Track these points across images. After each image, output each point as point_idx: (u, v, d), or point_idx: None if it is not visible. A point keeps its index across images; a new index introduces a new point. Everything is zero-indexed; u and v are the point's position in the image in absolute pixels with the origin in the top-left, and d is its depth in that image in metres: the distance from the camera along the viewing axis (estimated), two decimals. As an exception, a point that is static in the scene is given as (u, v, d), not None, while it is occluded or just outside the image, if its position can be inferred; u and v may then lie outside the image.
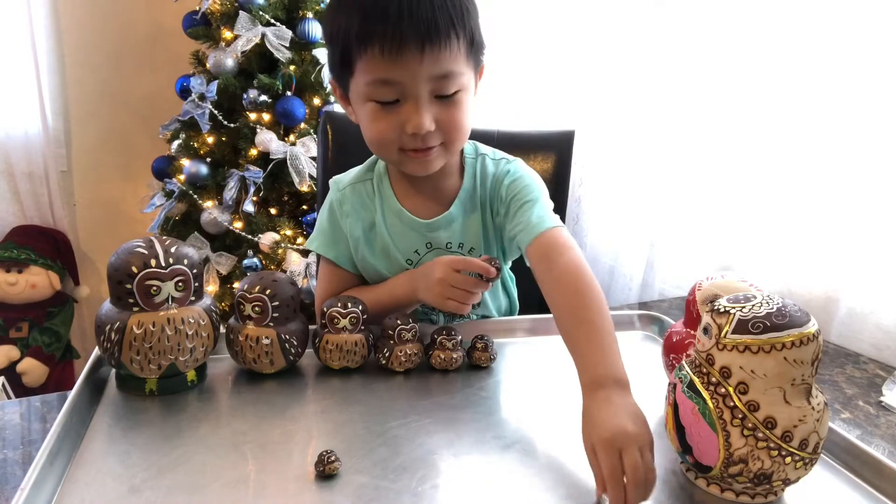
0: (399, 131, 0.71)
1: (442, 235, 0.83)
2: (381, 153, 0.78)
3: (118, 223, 2.25)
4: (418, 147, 0.72)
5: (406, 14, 0.64)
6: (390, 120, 0.71)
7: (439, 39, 0.66)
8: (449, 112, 0.71)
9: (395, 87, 0.68)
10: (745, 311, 0.49)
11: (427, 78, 0.68)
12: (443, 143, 0.74)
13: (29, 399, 0.67)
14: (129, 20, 2.14)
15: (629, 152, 1.40)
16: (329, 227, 0.86)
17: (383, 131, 0.72)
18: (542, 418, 0.63)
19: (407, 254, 0.84)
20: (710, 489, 0.52)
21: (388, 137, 0.72)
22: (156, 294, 0.60)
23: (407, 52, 0.66)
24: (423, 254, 0.83)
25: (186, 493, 0.49)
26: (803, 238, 1.06)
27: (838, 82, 0.98)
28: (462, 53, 0.69)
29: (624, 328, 0.88)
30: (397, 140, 0.72)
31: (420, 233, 0.83)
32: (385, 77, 0.68)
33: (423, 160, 0.74)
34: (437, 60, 0.67)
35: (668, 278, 1.34)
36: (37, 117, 1.97)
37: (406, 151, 0.73)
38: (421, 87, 0.68)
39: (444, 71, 0.68)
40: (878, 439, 0.67)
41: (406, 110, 0.70)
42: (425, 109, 0.69)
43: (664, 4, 1.26)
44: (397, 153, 0.74)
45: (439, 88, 0.69)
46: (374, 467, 0.53)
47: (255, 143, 1.65)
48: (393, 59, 0.66)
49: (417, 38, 0.65)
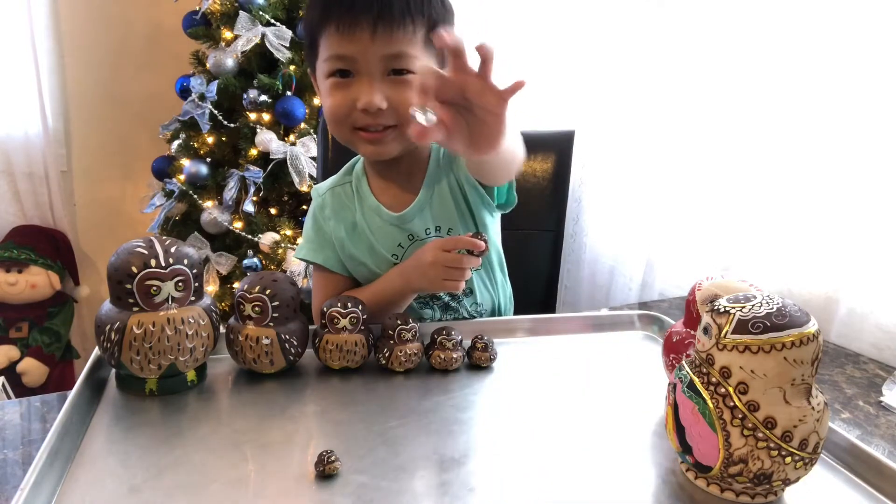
0: (351, 107, 0.73)
1: (417, 224, 0.84)
2: (336, 131, 0.79)
3: (118, 223, 2.25)
4: (370, 125, 0.75)
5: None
6: (344, 95, 0.74)
7: (391, 20, 0.70)
8: (401, 91, 0.73)
9: (348, 61, 0.72)
10: (745, 311, 0.49)
11: (379, 56, 0.71)
12: (396, 125, 0.75)
13: (29, 399, 0.67)
14: (129, 20, 2.14)
15: (629, 152, 1.40)
16: (314, 233, 0.88)
17: (337, 105, 0.74)
18: (542, 418, 0.63)
19: (391, 249, 0.85)
20: (710, 489, 0.52)
21: (341, 112, 0.75)
22: (156, 294, 0.60)
23: (358, 30, 0.70)
24: (407, 246, 0.85)
25: (186, 493, 0.49)
26: (803, 239, 1.06)
27: (838, 83, 0.98)
28: (419, 38, 0.72)
29: (624, 328, 0.88)
30: (350, 116, 0.75)
31: (398, 226, 0.84)
32: (339, 52, 0.72)
33: (375, 141, 0.76)
34: (389, 40, 0.70)
35: (668, 278, 1.34)
36: (37, 117, 1.97)
37: (358, 131, 0.76)
38: (373, 65, 0.72)
39: (397, 51, 0.71)
40: (878, 439, 0.67)
41: (358, 86, 0.73)
42: (376, 86, 0.72)
43: (665, 4, 1.26)
44: (350, 132, 0.77)
45: (391, 66, 0.72)
46: (374, 467, 0.53)
47: (255, 143, 1.65)
48: (347, 36, 0.70)
49: (369, 16, 0.69)
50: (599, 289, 1.51)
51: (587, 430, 0.61)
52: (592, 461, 0.56)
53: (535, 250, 1.22)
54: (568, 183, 1.24)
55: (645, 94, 1.34)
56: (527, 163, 1.06)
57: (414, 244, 0.84)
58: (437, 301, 0.89)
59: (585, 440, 0.59)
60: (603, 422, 0.63)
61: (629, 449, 0.58)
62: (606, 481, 0.53)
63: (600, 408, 0.66)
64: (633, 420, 0.63)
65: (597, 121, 1.47)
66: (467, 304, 0.90)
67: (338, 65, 0.73)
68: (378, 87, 0.72)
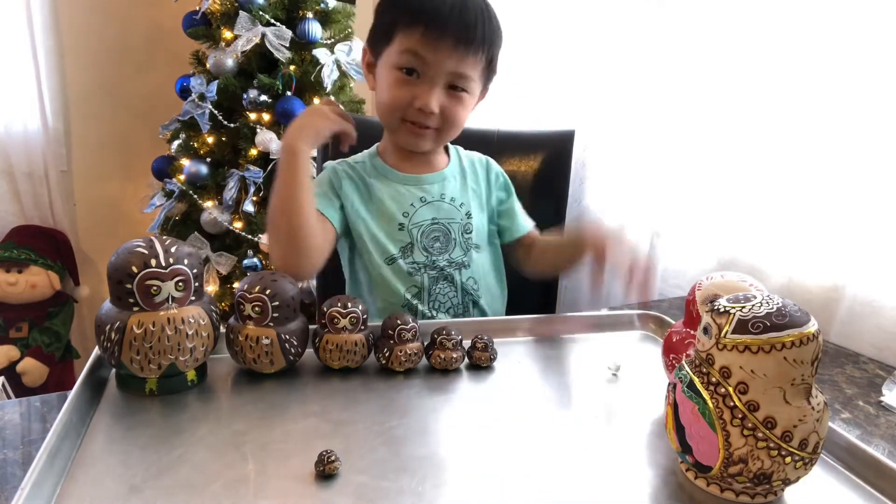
0: (409, 102, 0.84)
1: (436, 189, 0.93)
2: (386, 117, 0.88)
3: (118, 223, 2.25)
4: (418, 122, 0.85)
5: (456, 14, 0.80)
6: (406, 91, 0.83)
7: (469, 44, 0.81)
8: (452, 104, 0.85)
9: (421, 63, 0.82)
10: (745, 311, 0.49)
11: (448, 70, 0.82)
12: (438, 128, 0.86)
13: (29, 399, 0.67)
14: (129, 20, 2.14)
15: (629, 152, 1.40)
16: (325, 185, 0.91)
17: (397, 98, 0.84)
18: (541, 418, 0.63)
19: (403, 207, 0.91)
20: (710, 489, 0.52)
21: (398, 104, 0.84)
22: (156, 294, 0.60)
23: (443, 42, 0.80)
24: (418, 207, 0.91)
25: (186, 493, 0.49)
26: (803, 239, 1.06)
27: (841, 76, 0.98)
28: (479, 66, 0.84)
29: (624, 328, 0.88)
30: (404, 109, 0.84)
31: (413, 186, 0.92)
32: (416, 51, 0.81)
33: (418, 134, 0.87)
34: (461, 60, 0.82)
35: (668, 278, 1.34)
36: (37, 117, 1.97)
37: (405, 122, 0.86)
38: (439, 75, 0.82)
39: (462, 71, 0.83)
40: (878, 439, 0.67)
41: (420, 87, 0.83)
42: (436, 93, 0.83)
43: (665, 4, 1.26)
44: (399, 121, 0.86)
45: (453, 82, 0.83)
46: (374, 467, 0.53)
47: (255, 143, 1.65)
48: (431, 42, 0.80)
49: (455, 36, 0.80)
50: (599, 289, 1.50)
51: (587, 429, 0.61)
52: (592, 461, 0.56)
53: (535, 250, 1.21)
54: (568, 183, 1.24)
55: (645, 93, 1.34)
56: (527, 162, 1.07)
57: (425, 206, 0.91)
58: (432, 269, 0.91)
59: (585, 440, 0.59)
60: (603, 422, 0.63)
61: (629, 449, 0.58)
62: (606, 481, 0.53)
63: (600, 408, 0.66)
64: (633, 420, 0.63)
65: (597, 120, 1.47)
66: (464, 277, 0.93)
67: (411, 62, 0.82)
68: (437, 94, 0.83)
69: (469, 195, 0.95)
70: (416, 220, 0.90)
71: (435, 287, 0.91)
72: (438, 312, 0.92)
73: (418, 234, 0.90)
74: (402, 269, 0.89)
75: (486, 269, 0.96)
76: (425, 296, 0.90)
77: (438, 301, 0.91)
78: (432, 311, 0.91)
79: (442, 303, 0.92)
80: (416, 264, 0.90)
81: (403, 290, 0.90)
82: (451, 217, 0.92)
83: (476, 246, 0.94)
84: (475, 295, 0.94)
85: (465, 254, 0.93)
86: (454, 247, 0.92)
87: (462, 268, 0.92)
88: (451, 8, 0.80)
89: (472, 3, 0.82)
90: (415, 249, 0.90)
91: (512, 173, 1.05)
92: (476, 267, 0.94)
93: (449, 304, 0.92)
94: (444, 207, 0.92)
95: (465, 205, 0.94)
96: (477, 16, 0.81)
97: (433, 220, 0.91)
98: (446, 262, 0.91)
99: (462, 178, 0.96)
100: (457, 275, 0.92)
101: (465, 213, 0.93)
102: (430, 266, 0.90)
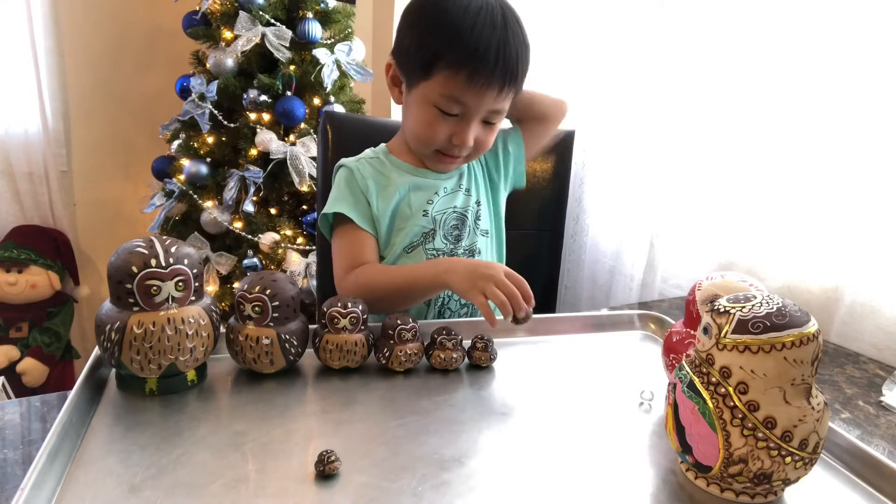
0: (446, 139, 0.85)
1: (452, 182, 0.94)
2: (419, 147, 0.90)
3: (118, 223, 2.25)
4: (453, 154, 0.87)
5: (501, 60, 0.79)
6: (443, 128, 0.84)
7: (512, 85, 0.82)
8: (485, 134, 0.87)
9: (462, 106, 0.82)
10: (745, 311, 0.49)
11: (487, 108, 0.83)
12: (469, 154, 0.89)
13: (29, 399, 0.67)
14: (129, 20, 2.14)
15: (629, 152, 1.40)
16: (348, 190, 0.91)
17: (434, 135, 0.85)
18: (541, 418, 0.63)
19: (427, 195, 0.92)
20: (710, 489, 0.52)
21: (435, 140, 0.86)
22: (156, 294, 0.60)
23: (489, 89, 0.80)
24: (442, 196, 0.93)
25: (186, 493, 0.49)
26: (802, 239, 1.06)
27: (840, 77, 0.98)
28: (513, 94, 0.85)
29: (624, 328, 0.88)
30: (441, 144, 0.86)
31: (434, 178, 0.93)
32: (459, 98, 0.81)
33: (451, 163, 0.90)
34: (503, 99, 0.83)
35: (668, 278, 1.34)
36: (37, 117, 1.97)
37: (439, 153, 0.88)
38: (480, 114, 0.84)
39: (500, 107, 0.85)
40: (878, 439, 0.67)
41: (459, 126, 0.84)
42: (473, 130, 0.85)
43: (665, 4, 1.26)
44: (433, 152, 0.88)
45: (489, 117, 0.85)
46: (374, 467, 0.53)
47: (255, 143, 1.65)
48: (475, 89, 0.80)
49: (501, 81, 0.80)
50: (599, 289, 1.51)
51: (587, 429, 0.61)
52: (592, 461, 0.56)
53: (535, 250, 1.22)
54: (568, 183, 1.24)
55: (645, 93, 1.34)
56: (527, 162, 1.06)
57: (447, 195, 0.93)
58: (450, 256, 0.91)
59: (585, 440, 0.59)
60: (603, 422, 0.63)
61: (629, 449, 0.58)
62: (606, 481, 0.53)
63: (600, 408, 0.66)
64: (633, 420, 0.63)
65: (597, 120, 1.47)
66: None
67: (453, 108, 0.82)
68: (474, 129, 0.85)
69: (480, 181, 0.98)
70: (440, 207, 0.92)
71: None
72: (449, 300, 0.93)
73: (441, 220, 0.92)
74: (422, 256, 0.90)
75: (491, 255, 0.99)
76: None
77: None
78: (445, 297, 0.93)
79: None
80: (436, 251, 0.91)
81: None
82: (465, 206, 0.95)
83: (484, 231, 0.97)
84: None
85: (476, 240, 0.95)
86: (469, 234, 0.94)
87: (474, 254, 0.95)
88: (497, 51, 0.78)
89: (514, 38, 0.80)
90: (436, 237, 0.91)
91: (512, 173, 1.05)
92: (486, 253, 0.97)
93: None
94: (461, 196, 0.94)
95: (476, 193, 0.96)
96: (518, 54, 0.81)
97: (454, 209, 0.93)
98: (462, 250, 0.93)
99: (474, 167, 0.99)
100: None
101: (475, 201, 0.96)
102: (447, 253, 0.92)
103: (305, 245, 1.70)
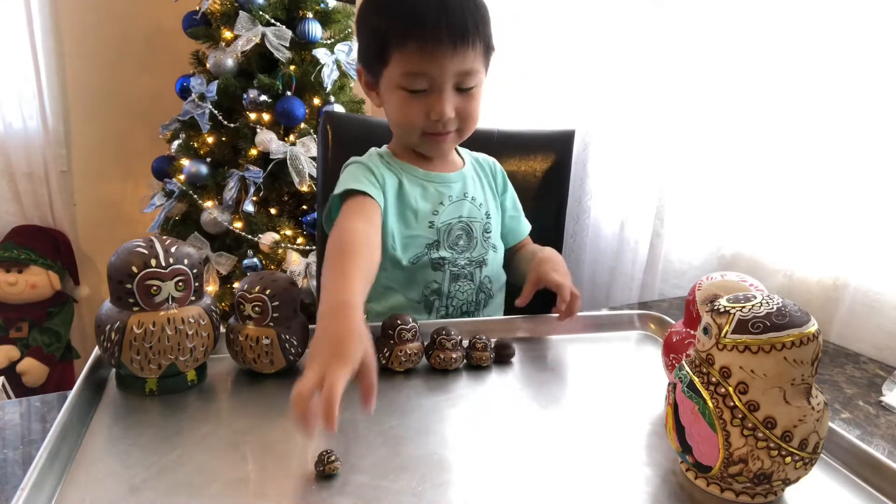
0: (424, 117, 0.83)
1: (458, 187, 0.93)
2: (404, 135, 0.89)
3: (118, 223, 2.25)
4: (438, 131, 0.85)
5: (443, 19, 0.77)
6: (417, 107, 0.82)
7: (466, 41, 0.79)
8: (466, 103, 0.84)
9: (425, 78, 0.80)
10: (745, 311, 0.49)
11: (453, 73, 0.80)
12: (457, 129, 0.86)
13: (29, 399, 0.67)
14: (129, 20, 2.14)
15: (629, 152, 1.40)
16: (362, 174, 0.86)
17: (411, 116, 0.83)
18: (541, 418, 0.63)
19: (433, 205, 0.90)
20: (710, 489, 0.52)
21: (414, 121, 0.84)
22: (156, 294, 0.60)
23: (439, 51, 0.78)
24: (447, 205, 0.91)
25: (186, 493, 0.49)
26: (802, 239, 1.06)
27: (841, 72, 0.97)
28: (480, 54, 0.82)
29: (624, 328, 0.88)
30: (421, 124, 0.84)
31: (439, 184, 0.91)
32: (419, 70, 0.80)
33: (441, 142, 0.87)
34: (462, 59, 0.80)
35: (668, 278, 1.34)
36: (37, 117, 1.97)
37: (426, 134, 0.86)
38: (447, 81, 0.81)
39: (467, 68, 0.81)
40: (878, 439, 0.67)
41: (432, 99, 0.82)
42: (448, 100, 0.82)
43: (664, 4, 1.26)
44: (419, 136, 0.86)
45: (461, 83, 0.82)
46: (374, 467, 0.53)
47: (255, 143, 1.65)
48: (428, 56, 0.78)
49: (451, 39, 0.78)
50: (599, 289, 1.50)
51: (587, 429, 0.61)
52: (592, 461, 0.56)
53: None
54: (568, 183, 1.24)
55: (645, 92, 1.34)
56: (527, 162, 1.07)
57: (452, 205, 0.91)
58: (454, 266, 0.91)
59: (585, 440, 0.59)
60: (603, 422, 0.63)
61: (629, 449, 0.58)
62: (607, 481, 0.53)
63: (600, 408, 0.66)
64: (633, 420, 0.63)
65: (597, 120, 1.47)
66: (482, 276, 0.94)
67: (418, 83, 0.80)
68: (449, 99, 0.82)
69: (487, 195, 0.97)
70: (445, 217, 0.90)
71: (454, 284, 0.91)
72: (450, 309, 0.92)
73: (445, 231, 0.90)
74: (426, 265, 0.89)
75: (500, 268, 0.98)
76: (444, 292, 0.91)
77: (457, 298, 0.92)
78: (448, 307, 0.92)
79: (460, 300, 0.92)
80: (441, 260, 0.90)
81: (422, 287, 0.90)
82: (473, 216, 0.93)
83: (494, 246, 0.95)
84: (490, 293, 0.95)
85: (486, 253, 0.93)
86: (475, 245, 0.92)
87: (482, 266, 0.93)
88: (438, 12, 0.77)
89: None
90: (441, 247, 0.90)
91: (512, 173, 1.05)
92: (493, 266, 0.95)
93: (463, 301, 0.93)
94: (466, 206, 0.92)
95: (485, 205, 0.95)
96: (463, 8, 0.79)
97: (459, 219, 0.91)
98: (467, 261, 0.91)
99: (478, 178, 0.97)
100: (477, 273, 0.93)
101: (485, 213, 0.94)
102: (452, 263, 0.90)
103: (305, 245, 1.70)
